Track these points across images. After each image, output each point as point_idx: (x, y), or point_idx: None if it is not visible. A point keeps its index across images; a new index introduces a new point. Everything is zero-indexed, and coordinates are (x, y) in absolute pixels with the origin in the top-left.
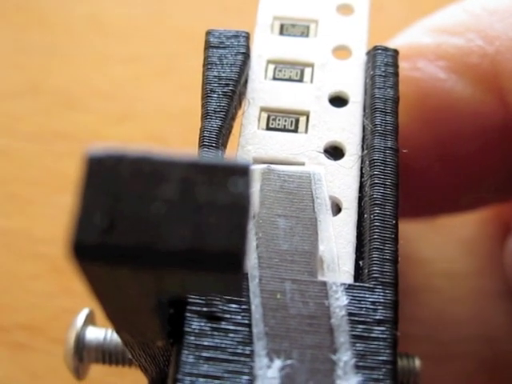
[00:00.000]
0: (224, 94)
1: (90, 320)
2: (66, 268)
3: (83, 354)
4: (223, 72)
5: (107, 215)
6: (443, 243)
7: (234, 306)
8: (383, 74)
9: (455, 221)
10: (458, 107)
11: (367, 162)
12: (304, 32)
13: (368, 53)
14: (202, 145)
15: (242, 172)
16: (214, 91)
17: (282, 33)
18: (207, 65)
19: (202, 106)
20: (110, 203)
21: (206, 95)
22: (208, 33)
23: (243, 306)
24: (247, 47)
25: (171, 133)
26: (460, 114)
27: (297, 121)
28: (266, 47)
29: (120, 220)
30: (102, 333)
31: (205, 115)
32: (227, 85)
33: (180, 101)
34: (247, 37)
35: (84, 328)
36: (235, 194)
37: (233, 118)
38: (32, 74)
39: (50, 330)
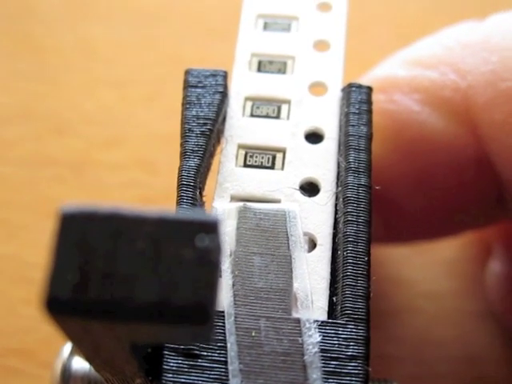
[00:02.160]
0: (202, 134)
1: (76, 349)
2: None
3: None
4: (201, 111)
5: (79, 271)
6: (426, 265)
7: (210, 343)
8: (357, 112)
9: (437, 243)
10: (432, 140)
11: (341, 199)
12: (281, 69)
13: (343, 89)
14: (180, 184)
15: (210, 228)
16: (192, 130)
17: (259, 70)
18: (186, 104)
19: (181, 144)
20: (82, 259)
21: (184, 134)
22: (187, 72)
23: (219, 344)
24: (225, 86)
25: (159, 157)
26: (434, 146)
27: (273, 157)
28: (243, 84)
29: (91, 276)
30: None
31: (183, 154)
32: (205, 124)
33: (168, 125)
34: (225, 76)
35: (70, 358)
36: (202, 250)
37: (211, 156)
38: (22, 99)
39: (41, 355)
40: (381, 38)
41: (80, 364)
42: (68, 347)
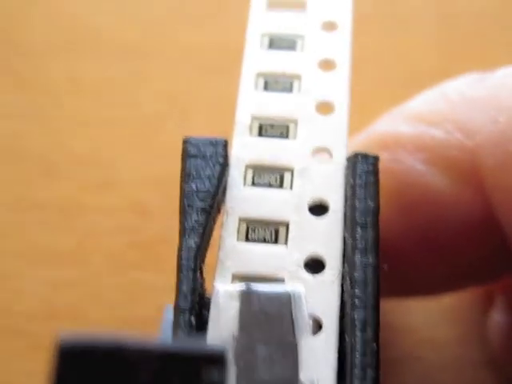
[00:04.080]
0: (202, 210)
1: None
2: (45, 345)
3: None
4: (201, 185)
5: None
6: (427, 311)
7: None
8: (363, 184)
9: None
10: (438, 200)
11: (348, 280)
12: (283, 132)
13: (348, 159)
14: (180, 266)
15: (216, 360)
16: (192, 206)
17: (260, 134)
18: (184, 176)
19: (180, 221)
20: None
21: (183, 210)
22: (185, 141)
23: None
24: (226, 156)
25: (152, 200)
26: (439, 206)
27: (276, 232)
28: (244, 150)
29: None
30: None
31: (183, 232)
32: (205, 199)
33: (161, 166)
34: (225, 145)
35: None
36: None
37: (211, 230)
38: (7, 138)
39: None
40: (383, 88)
41: None
42: None
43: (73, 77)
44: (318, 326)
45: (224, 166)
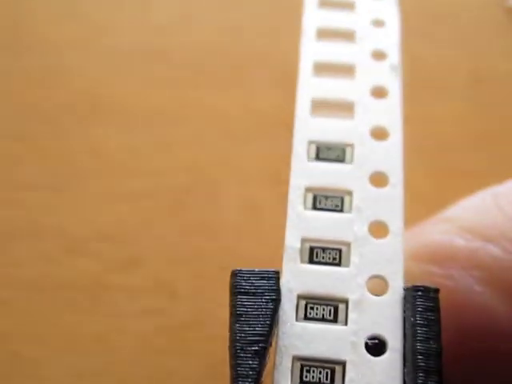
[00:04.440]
0: (256, 353)
1: None
2: None
3: None
4: (254, 325)
5: None
6: None
7: None
8: (425, 323)
9: None
10: (494, 324)
11: None
12: (336, 259)
13: (406, 290)
14: None
15: None
16: (245, 350)
17: (311, 260)
18: (235, 316)
19: (231, 366)
20: None
21: (235, 355)
22: (234, 274)
23: None
24: (278, 291)
25: (180, 279)
26: (496, 330)
27: (332, 372)
28: (296, 279)
29: None
30: None
31: (235, 380)
32: (259, 341)
33: (189, 242)
34: (277, 277)
35: None
36: None
37: (264, 372)
38: (28, 212)
39: None
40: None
41: None
42: None
43: (95, 145)
44: None
45: (277, 301)
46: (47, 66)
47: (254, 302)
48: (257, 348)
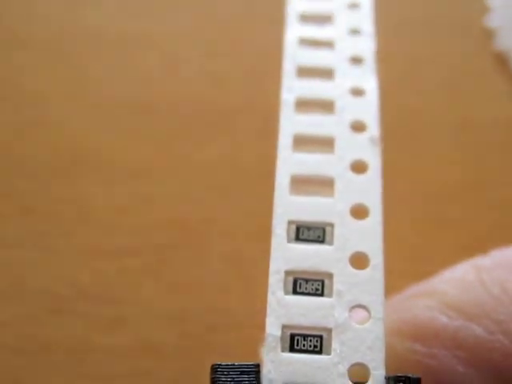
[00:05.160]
0: None
1: None
2: None
3: None
4: None
5: None
6: None
7: None
8: None
9: None
10: None
11: None
12: (316, 346)
13: (388, 378)
14: None
15: None
16: None
17: (292, 348)
18: None
19: None
20: None
21: None
22: (214, 369)
23: None
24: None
25: (165, 339)
26: None
27: None
28: (277, 369)
29: None
30: None
31: None
32: None
33: (173, 300)
34: (257, 371)
35: None
36: None
37: None
38: (11, 271)
39: None
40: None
41: None
42: None
43: (81, 202)
44: None
45: None
46: (31, 120)
47: None
48: None
